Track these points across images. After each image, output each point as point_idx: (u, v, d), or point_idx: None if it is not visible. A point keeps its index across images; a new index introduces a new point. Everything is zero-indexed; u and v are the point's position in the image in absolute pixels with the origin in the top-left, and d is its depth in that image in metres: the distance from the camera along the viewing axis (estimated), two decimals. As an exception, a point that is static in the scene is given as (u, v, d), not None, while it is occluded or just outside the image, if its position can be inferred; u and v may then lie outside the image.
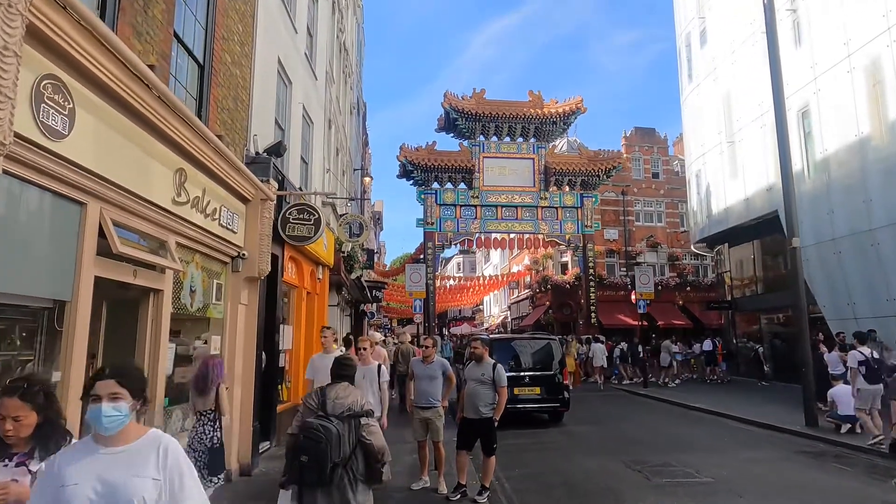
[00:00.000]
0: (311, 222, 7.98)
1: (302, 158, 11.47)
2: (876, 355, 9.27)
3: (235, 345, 7.34)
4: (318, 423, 3.67)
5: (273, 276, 9.20)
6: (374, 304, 33.96)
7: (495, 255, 56.03)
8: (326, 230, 12.34)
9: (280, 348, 10.03)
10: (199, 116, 6.61)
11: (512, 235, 25.69)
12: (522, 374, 11.75)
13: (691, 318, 32.04)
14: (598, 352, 20.23)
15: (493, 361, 6.59)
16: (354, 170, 23.76)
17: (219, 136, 6.64)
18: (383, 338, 17.58)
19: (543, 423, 12.25)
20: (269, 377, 8.99)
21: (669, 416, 13.35)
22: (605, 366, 20.39)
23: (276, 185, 8.04)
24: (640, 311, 19.77)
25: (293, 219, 7.99)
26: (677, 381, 19.77)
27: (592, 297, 24.52)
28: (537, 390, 11.82)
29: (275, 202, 8.04)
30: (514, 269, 43.51)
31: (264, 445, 8.65)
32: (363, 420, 3.84)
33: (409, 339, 16.88)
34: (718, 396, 16.07)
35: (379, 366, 6.85)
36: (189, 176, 5.76)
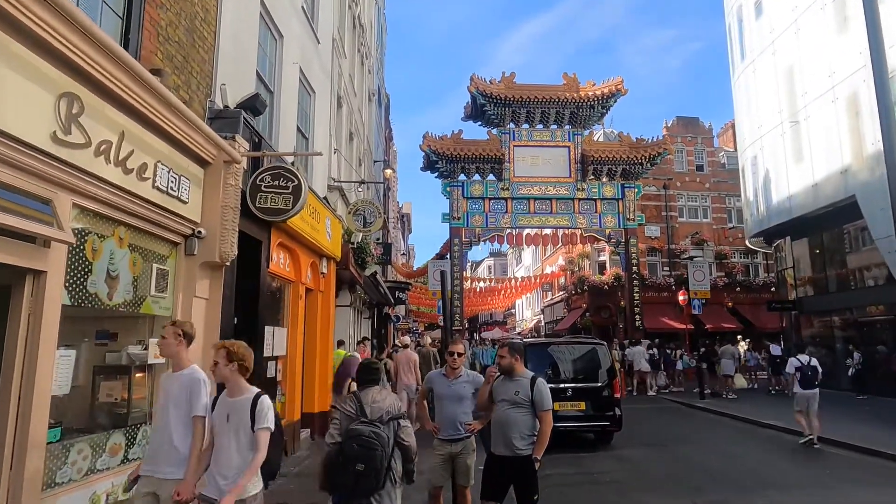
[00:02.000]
0: (289, 190, 6.16)
1: (300, 131, 9.73)
2: (814, 362, 10.06)
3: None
4: (370, 429, 3.69)
5: (254, 266, 7.45)
6: (402, 307, 32.34)
7: (527, 255, 53.87)
8: (332, 219, 10.58)
9: (270, 354, 8.26)
10: (127, 41, 4.87)
11: (546, 231, 23.60)
12: (563, 385, 9.74)
13: (742, 321, 29.36)
14: (638, 355, 17.99)
15: (532, 375, 4.64)
16: (375, 161, 22.08)
17: (155, 71, 4.89)
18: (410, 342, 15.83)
19: (590, 444, 10.21)
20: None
21: (740, 437, 11.12)
22: (649, 369, 18.23)
23: (249, 146, 6.27)
24: (695, 311, 17.50)
25: (266, 186, 6.18)
26: (732, 393, 17.33)
27: (636, 298, 22.25)
28: (581, 405, 9.79)
29: (245, 168, 6.27)
30: (548, 270, 41.28)
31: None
32: (401, 422, 3.90)
33: (430, 341, 15.09)
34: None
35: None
36: (88, 108, 4.01)
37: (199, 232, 5.68)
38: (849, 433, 10.45)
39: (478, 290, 39.03)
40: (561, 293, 38.01)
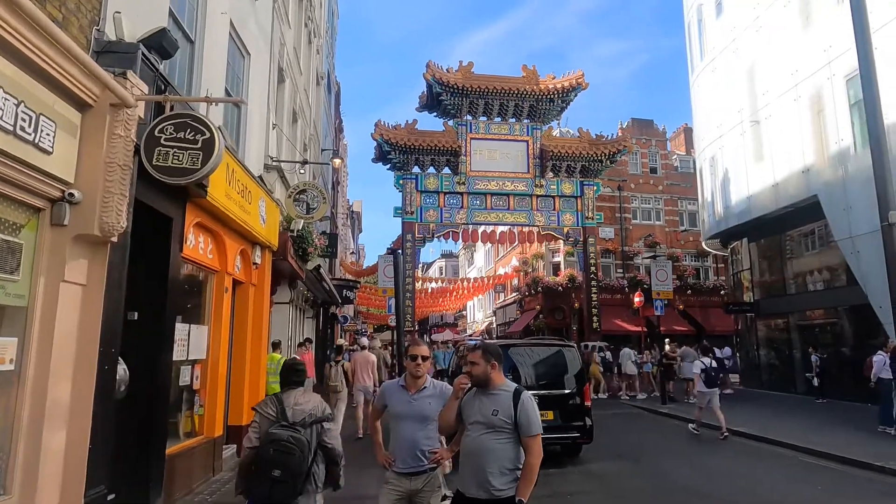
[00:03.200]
0: (198, 145, 4.74)
1: (228, 94, 8.27)
2: (714, 364, 11.45)
3: (51, 353, 4.12)
4: (289, 434, 3.57)
5: (161, 249, 6.02)
6: (350, 308, 30.78)
7: (480, 256, 53.09)
8: (268, 201, 9.16)
9: (183, 357, 6.81)
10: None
11: (503, 228, 22.63)
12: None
13: (693, 324, 29.31)
14: (626, 358, 17.18)
15: (515, 387, 3.47)
16: (322, 150, 20.58)
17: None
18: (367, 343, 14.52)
19: (555, 458, 9.14)
20: (149, 404, 5.79)
21: (716, 447, 10.32)
22: (637, 372, 17.60)
23: (147, 90, 4.86)
24: (658, 312, 16.76)
25: (168, 139, 4.76)
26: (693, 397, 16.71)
27: (594, 299, 21.54)
28: (549, 415, 8.69)
29: (143, 118, 4.85)
30: (501, 271, 40.52)
31: (133, 515, 5.41)
32: (325, 425, 3.80)
33: (381, 344, 13.86)
34: (760, 417, 13.10)
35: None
36: None
37: (71, 195, 4.24)
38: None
39: (429, 290, 37.86)
40: (514, 295, 37.27)
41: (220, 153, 4.85)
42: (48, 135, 3.98)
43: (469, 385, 3.42)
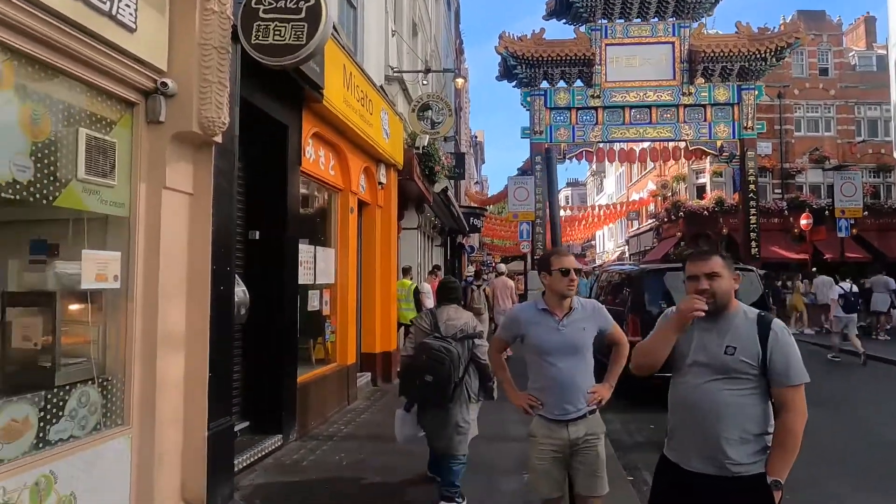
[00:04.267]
0: (301, 15, 3.81)
1: (343, -8, 7.34)
2: (854, 289, 11.18)
3: (159, 270, 3.59)
4: (441, 344, 3.85)
5: (278, 159, 5.40)
6: (475, 238, 30.28)
7: (610, 183, 50.00)
8: (391, 113, 8.32)
9: (310, 281, 6.33)
10: None
11: (644, 145, 20.32)
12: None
13: (869, 250, 25.16)
14: (823, 286, 14.34)
15: (758, 313, 2.24)
16: (444, 71, 19.41)
17: None
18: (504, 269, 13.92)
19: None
20: (278, 329, 5.35)
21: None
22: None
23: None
24: (842, 234, 14.07)
25: (266, 10, 3.91)
26: (885, 334, 14.09)
27: (753, 221, 18.84)
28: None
29: (241, -8, 4.05)
30: (634, 197, 37.64)
31: (265, 444, 5.05)
32: (476, 341, 4.02)
33: (505, 271, 13.22)
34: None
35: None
36: None
37: (165, 85, 3.56)
38: None
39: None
40: (650, 222, 34.49)
41: (329, 24, 3.94)
42: (128, 5, 3.26)
43: (706, 310, 2.25)
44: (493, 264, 34.62)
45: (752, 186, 18.91)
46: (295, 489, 4.40)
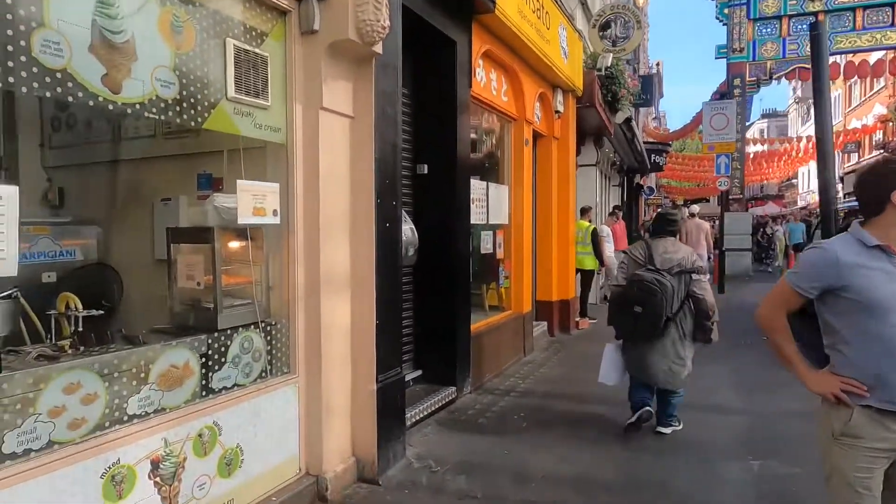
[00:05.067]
0: None
1: None
2: None
3: (319, 204, 3.18)
4: (653, 276, 3.76)
5: (444, 83, 4.77)
6: (651, 179, 27.78)
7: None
8: (569, 29, 7.29)
9: (481, 221, 5.75)
10: None
11: (878, 55, 16.39)
12: None
13: None
14: None
15: None
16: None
17: None
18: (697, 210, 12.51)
19: None
20: (449, 273, 4.87)
21: None
22: None
23: None
24: None
25: None
26: None
27: None
28: None
29: None
30: (855, 124, 31.50)
31: (438, 396, 4.65)
32: (694, 276, 3.84)
33: (694, 214, 11.71)
34: None
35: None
36: None
37: (316, -15, 3.04)
38: None
39: (750, 156, 31.70)
40: (875, 154, 28.68)
41: None
42: None
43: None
44: (678, 207, 31.62)
45: None
46: (471, 450, 3.92)
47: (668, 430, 4.12)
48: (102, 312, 2.72)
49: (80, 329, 2.58)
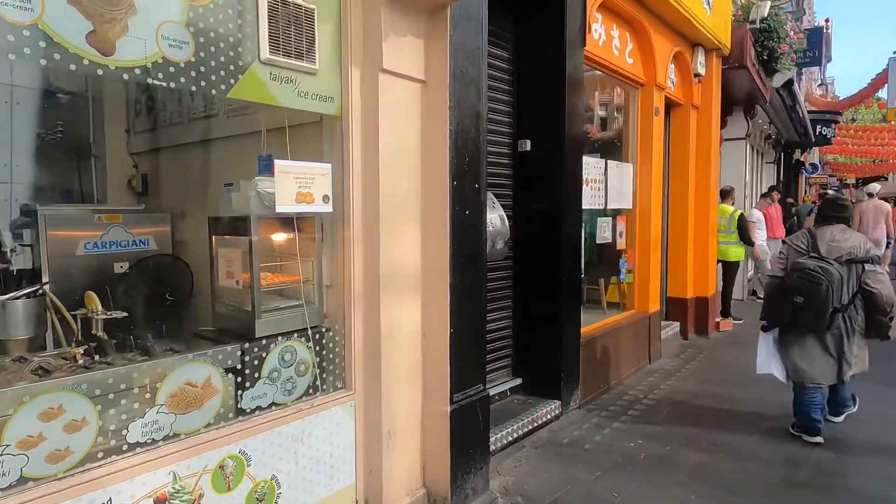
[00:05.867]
0: None
1: None
2: None
3: (379, 189, 2.62)
4: (817, 264, 3.49)
5: (554, 43, 4.03)
6: (814, 154, 24.25)
7: None
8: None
9: (598, 206, 4.93)
10: None
11: None
12: None
13: None
14: None
15: None
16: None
17: None
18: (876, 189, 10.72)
19: None
20: (554, 266, 4.15)
21: None
22: None
23: None
24: None
25: None
26: None
27: None
28: None
29: None
30: None
31: (538, 412, 3.95)
32: (867, 266, 3.51)
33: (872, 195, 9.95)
34: None
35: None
36: None
37: (373, -85, 2.45)
38: None
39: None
40: None
41: None
42: None
43: None
44: (836, 187, 27.41)
45: None
46: (571, 485, 3.21)
47: (839, 419, 3.94)
48: (126, 315, 2.39)
49: (98, 333, 2.26)
